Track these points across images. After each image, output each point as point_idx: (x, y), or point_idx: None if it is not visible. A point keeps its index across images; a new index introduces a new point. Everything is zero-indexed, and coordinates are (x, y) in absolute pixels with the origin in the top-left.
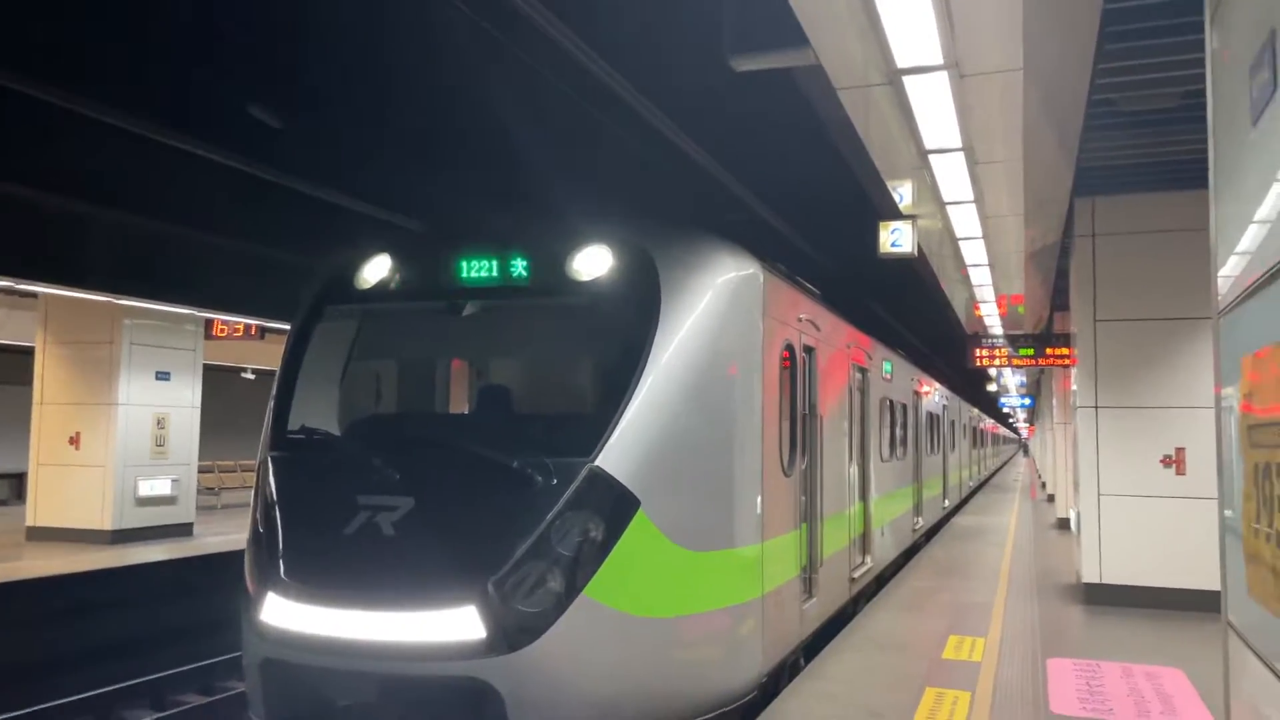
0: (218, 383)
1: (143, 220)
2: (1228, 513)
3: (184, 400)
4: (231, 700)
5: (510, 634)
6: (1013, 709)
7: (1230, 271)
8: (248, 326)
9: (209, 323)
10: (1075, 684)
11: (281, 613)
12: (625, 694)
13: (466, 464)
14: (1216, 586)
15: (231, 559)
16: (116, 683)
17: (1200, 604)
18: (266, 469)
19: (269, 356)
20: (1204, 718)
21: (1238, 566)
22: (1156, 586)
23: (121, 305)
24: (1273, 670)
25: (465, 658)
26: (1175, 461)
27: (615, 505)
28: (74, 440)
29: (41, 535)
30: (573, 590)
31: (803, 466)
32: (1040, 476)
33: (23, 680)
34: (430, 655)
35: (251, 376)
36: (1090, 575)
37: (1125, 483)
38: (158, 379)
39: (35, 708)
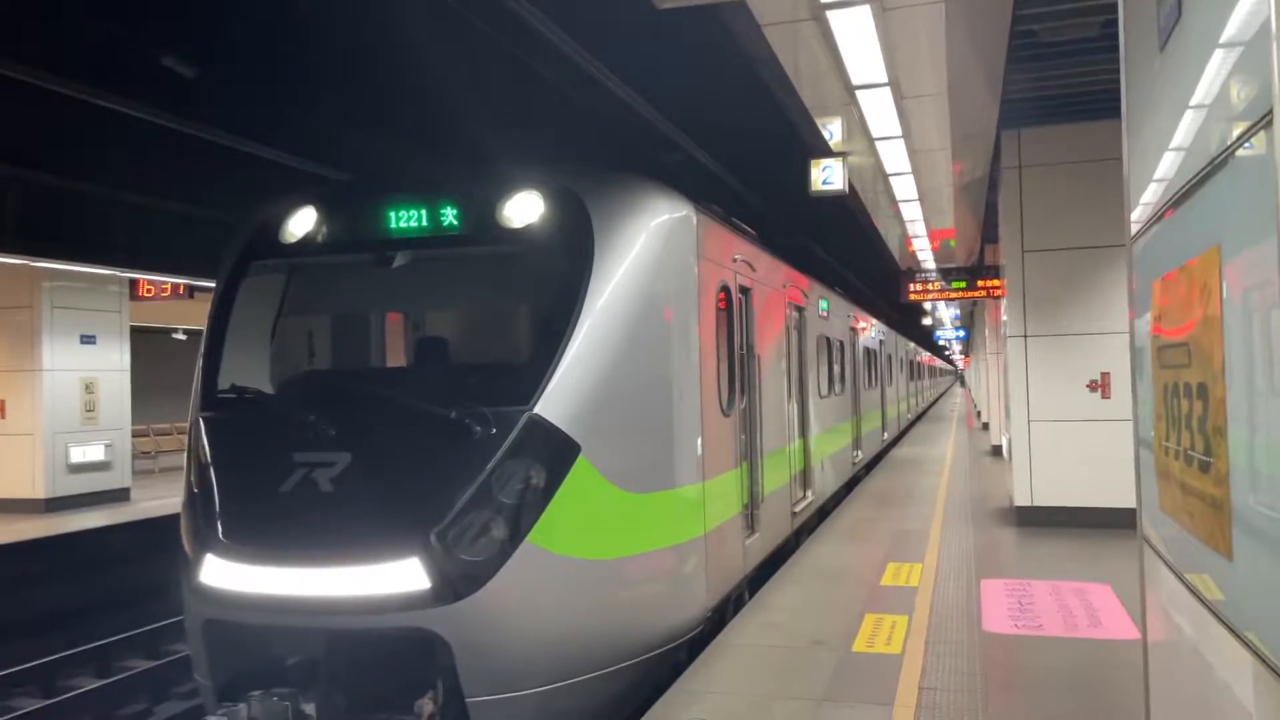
0: (148, 345)
1: (56, 179)
2: (1142, 430)
3: (112, 363)
4: (177, 664)
5: (455, 583)
6: (947, 630)
7: (1142, 199)
8: (175, 286)
9: (134, 283)
10: (1007, 603)
11: (221, 573)
12: (573, 635)
13: (403, 417)
14: None
15: (170, 522)
16: (59, 652)
17: (1127, 522)
18: (199, 430)
19: (199, 316)
20: (1128, 628)
21: (1150, 483)
22: (1085, 506)
23: (39, 268)
24: (1181, 579)
25: (411, 608)
26: (1101, 386)
27: (555, 452)
28: None
29: None
30: (516, 537)
31: (742, 406)
32: (975, 406)
33: None
34: (376, 608)
35: (182, 337)
36: (1022, 499)
37: (1054, 408)
38: (83, 342)
39: None
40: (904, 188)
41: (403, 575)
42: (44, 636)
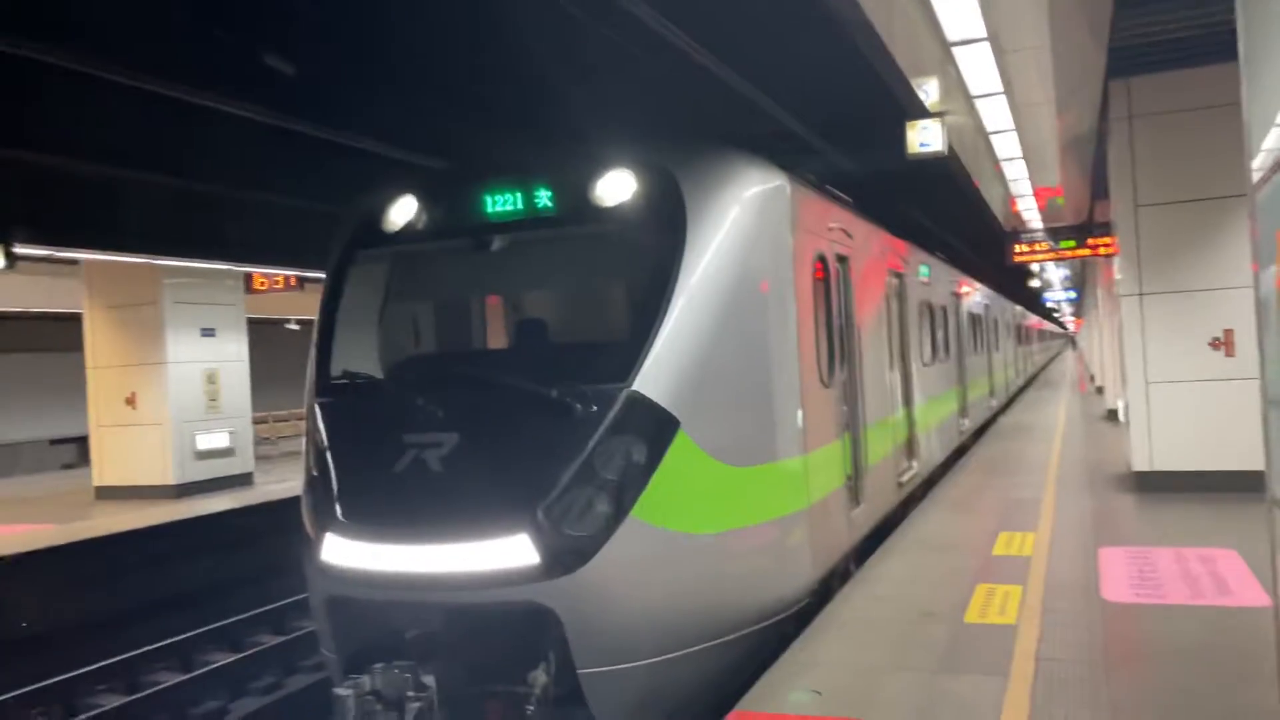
0: (263, 336)
1: (172, 180)
2: (1270, 389)
3: (231, 354)
4: (303, 639)
5: (563, 558)
6: (1064, 599)
7: (1263, 145)
8: (286, 278)
9: (248, 277)
10: (1127, 571)
11: (341, 552)
12: (679, 608)
13: (507, 397)
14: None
15: (292, 504)
16: (196, 628)
17: (1253, 485)
18: (314, 415)
19: (310, 307)
20: (1259, 595)
21: (1279, 443)
22: (1209, 470)
23: (160, 266)
24: None
25: (522, 583)
26: (1224, 344)
27: (655, 427)
28: (130, 400)
29: (109, 494)
30: (620, 512)
31: (842, 377)
32: (1088, 369)
33: (108, 631)
34: (489, 583)
35: (295, 327)
36: (1140, 464)
37: (1173, 369)
38: (203, 335)
39: (123, 655)
40: (1006, 146)
41: (512, 551)
42: (182, 614)
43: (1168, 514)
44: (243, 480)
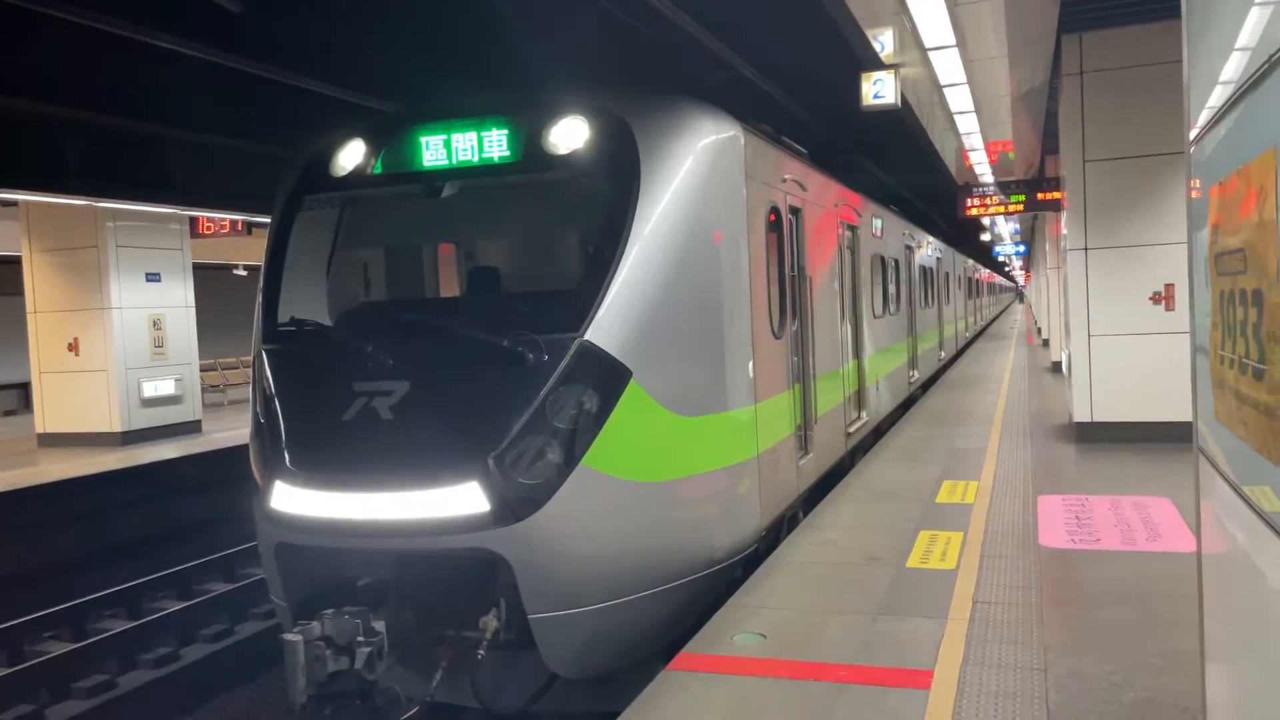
0: (210, 281)
1: (114, 120)
2: (1197, 341)
3: (177, 300)
4: (253, 586)
5: (514, 505)
6: (1003, 545)
7: (1201, 102)
8: (233, 223)
9: (194, 221)
10: (1065, 518)
11: (291, 499)
12: (629, 554)
13: (458, 345)
14: None
15: (241, 452)
16: (144, 576)
17: (1189, 436)
18: (262, 362)
19: (257, 252)
20: (1187, 539)
21: (1206, 393)
22: (1147, 421)
23: (103, 209)
24: (1236, 490)
25: (473, 530)
26: (1164, 298)
27: (607, 377)
28: (73, 346)
29: (53, 441)
30: (571, 460)
31: (793, 328)
32: (1036, 322)
33: (53, 579)
34: (440, 530)
35: (243, 273)
36: (1081, 415)
37: (1115, 322)
38: (148, 280)
39: (69, 603)
40: (959, 99)
41: (463, 498)
42: (129, 562)
43: (1106, 463)
44: (190, 428)
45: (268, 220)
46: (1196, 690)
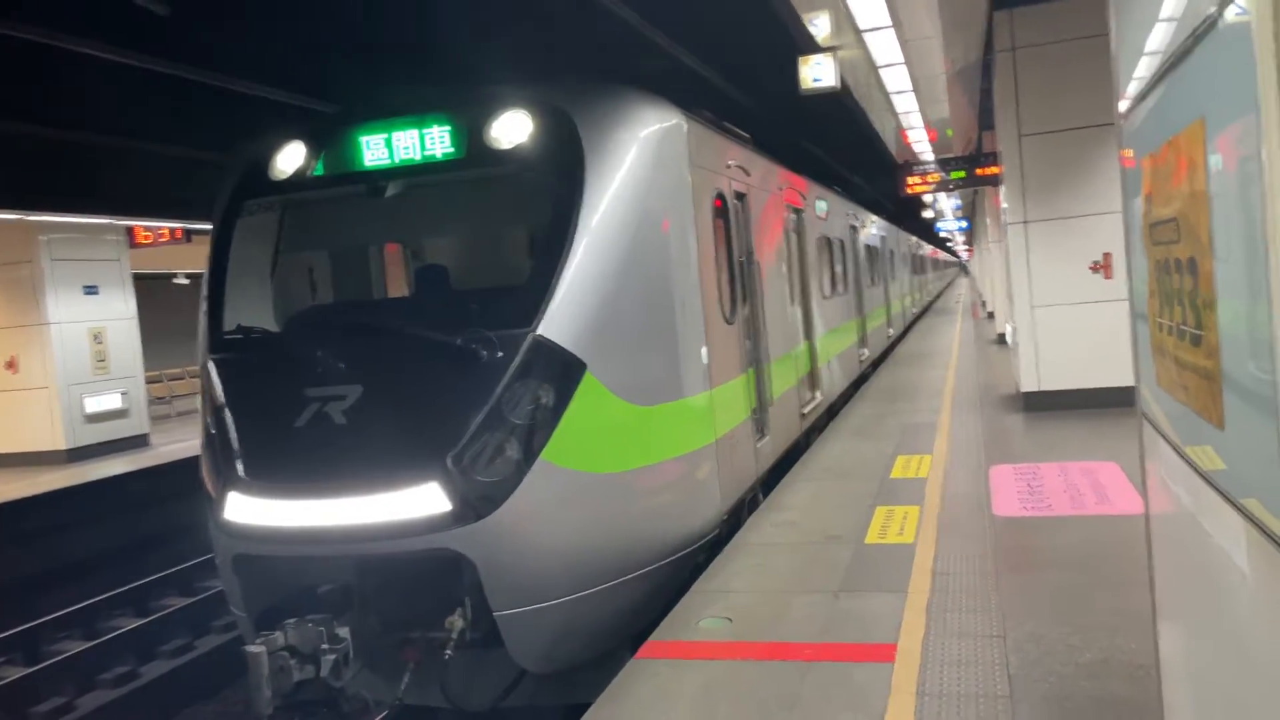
0: (151, 291)
1: (40, 129)
2: (1136, 309)
3: (118, 312)
4: (212, 599)
5: (475, 504)
6: (958, 517)
7: (1130, 74)
8: (172, 231)
9: (131, 231)
10: (1016, 487)
11: (247, 510)
12: (593, 546)
13: (410, 346)
14: None
15: (192, 464)
16: (98, 594)
17: (1132, 399)
18: (209, 373)
19: (198, 259)
20: (1135, 501)
21: (1147, 360)
22: (1091, 388)
23: (35, 222)
24: (1179, 452)
25: (434, 530)
26: (1103, 266)
27: (562, 370)
28: (11, 364)
29: None
30: (530, 456)
31: (745, 313)
32: (980, 296)
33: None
34: (401, 532)
35: (184, 281)
36: (1029, 385)
37: (1057, 292)
38: (86, 293)
39: (27, 624)
40: (897, 79)
41: (423, 499)
42: (82, 582)
43: (1054, 431)
44: (138, 442)
45: (208, 227)
46: (1147, 648)
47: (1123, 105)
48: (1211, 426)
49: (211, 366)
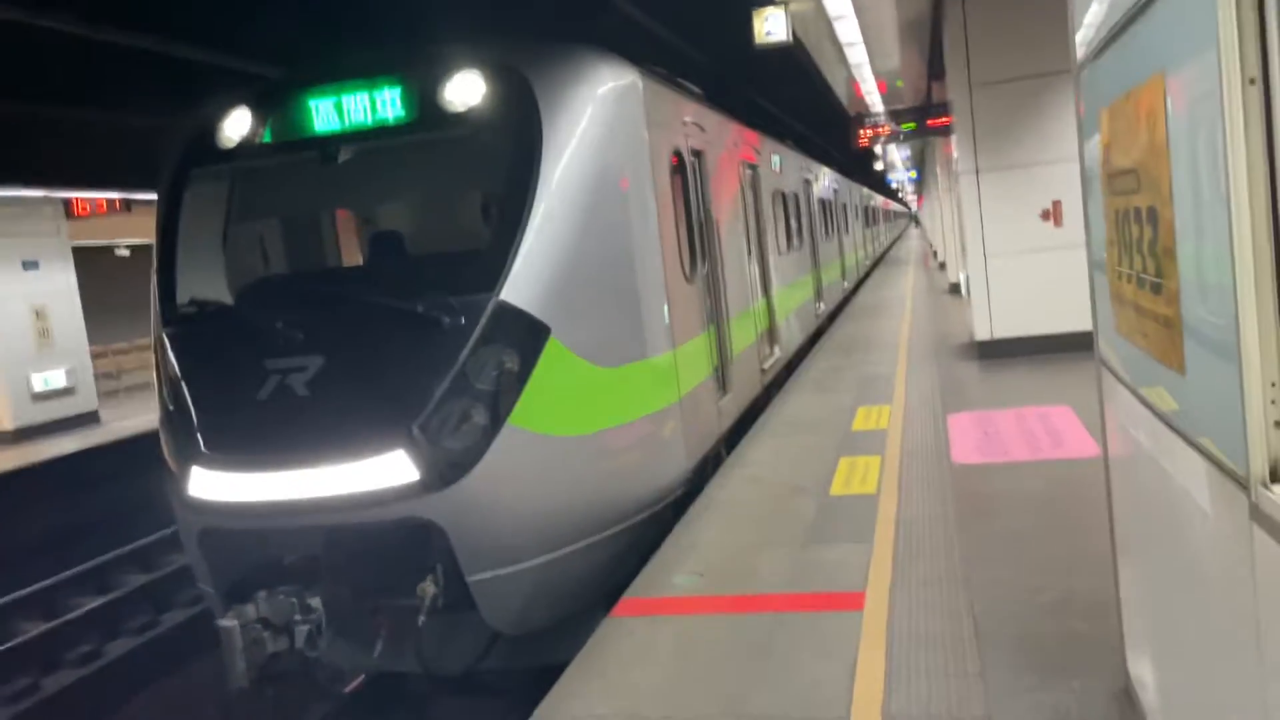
0: (92, 264)
1: None
2: (1095, 256)
3: (59, 286)
4: (175, 574)
5: (443, 471)
6: (918, 466)
7: (1087, 25)
8: (110, 201)
9: (68, 203)
10: (974, 435)
11: (212, 484)
12: (561, 509)
13: (370, 314)
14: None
15: (145, 441)
16: (58, 573)
17: (1084, 345)
18: (164, 347)
19: (141, 229)
20: (1088, 444)
21: (1106, 307)
22: (1043, 335)
23: None
24: (1138, 396)
25: (403, 499)
26: (1053, 215)
27: (526, 335)
28: None
29: None
30: (497, 421)
31: (704, 271)
32: (931, 246)
33: None
34: (370, 502)
35: (126, 253)
36: (982, 333)
37: (1009, 241)
38: (25, 269)
39: None
40: (847, 31)
41: (391, 468)
42: (39, 563)
43: (1008, 378)
44: (88, 419)
45: (148, 197)
46: (1106, 586)
47: (1079, 55)
48: (1171, 371)
49: (166, 341)
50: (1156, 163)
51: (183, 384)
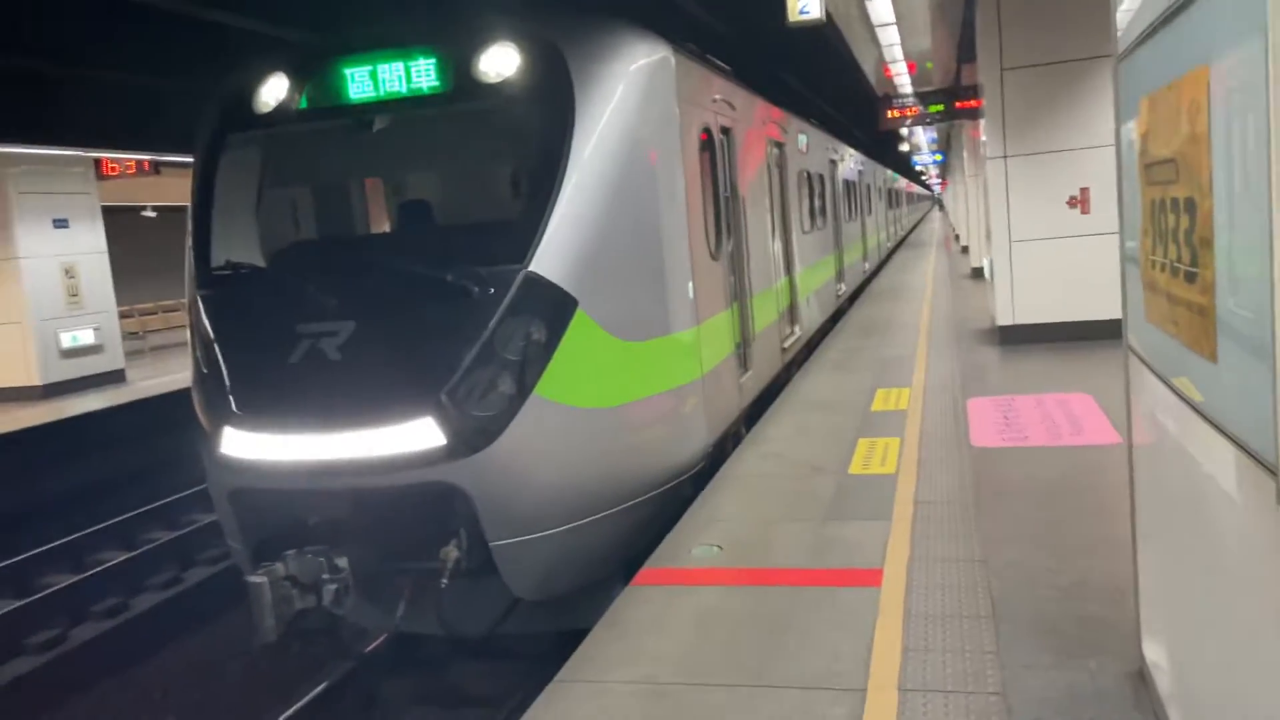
0: (118, 224)
1: (3, 58)
2: (1128, 245)
3: (89, 245)
4: (201, 531)
5: (470, 438)
6: (937, 448)
7: (1130, 14)
8: (140, 162)
9: (98, 162)
10: (994, 419)
11: (242, 444)
12: (583, 480)
13: (401, 282)
14: (1119, 315)
15: (171, 400)
16: (86, 528)
17: (1106, 333)
18: (198, 308)
19: (168, 192)
20: (1108, 432)
21: (1137, 295)
22: (1066, 321)
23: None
24: (1167, 384)
25: (430, 464)
26: (1080, 201)
27: (554, 307)
28: None
29: None
30: (523, 391)
31: (729, 248)
32: (954, 229)
33: None
34: (397, 466)
35: (152, 215)
36: (1005, 318)
37: (1035, 227)
38: (56, 227)
39: (16, 558)
40: (880, 11)
41: (419, 434)
42: (69, 517)
43: (1029, 364)
44: (115, 378)
45: (176, 160)
46: (1123, 571)
47: (1121, 44)
48: (1202, 359)
49: (200, 302)
50: (1196, 154)
51: (216, 345)
